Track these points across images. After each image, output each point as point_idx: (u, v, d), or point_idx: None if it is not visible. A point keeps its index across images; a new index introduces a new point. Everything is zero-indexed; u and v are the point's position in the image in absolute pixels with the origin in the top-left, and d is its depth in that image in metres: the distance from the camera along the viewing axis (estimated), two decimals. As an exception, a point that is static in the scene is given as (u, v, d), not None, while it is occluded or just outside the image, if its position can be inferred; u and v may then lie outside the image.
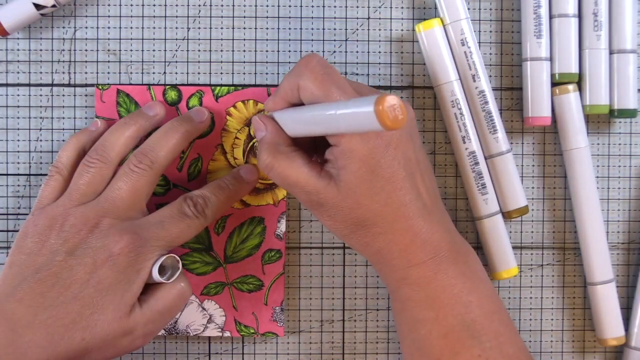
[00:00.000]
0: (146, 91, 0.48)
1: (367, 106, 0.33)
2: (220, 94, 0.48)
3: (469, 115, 0.48)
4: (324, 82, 0.41)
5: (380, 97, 0.32)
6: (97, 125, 0.47)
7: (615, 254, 0.51)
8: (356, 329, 0.50)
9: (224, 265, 0.49)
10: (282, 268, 0.49)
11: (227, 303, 0.49)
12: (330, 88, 0.40)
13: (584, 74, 0.48)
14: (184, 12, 0.49)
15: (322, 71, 0.41)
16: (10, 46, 0.49)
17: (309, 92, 0.41)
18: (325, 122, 0.38)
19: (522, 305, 0.51)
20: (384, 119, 0.32)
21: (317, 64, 0.41)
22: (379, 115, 0.32)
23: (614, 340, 0.49)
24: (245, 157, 0.48)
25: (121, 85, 0.48)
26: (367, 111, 0.33)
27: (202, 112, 0.47)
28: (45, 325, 0.41)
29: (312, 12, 0.49)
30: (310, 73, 0.41)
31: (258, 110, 0.48)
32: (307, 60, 0.42)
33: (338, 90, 0.40)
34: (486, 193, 0.48)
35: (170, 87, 0.48)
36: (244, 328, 0.49)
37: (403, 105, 0.33)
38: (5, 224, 0.49)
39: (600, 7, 0.48)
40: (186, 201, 0.44)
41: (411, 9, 0.49)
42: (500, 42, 0.50)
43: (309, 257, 0.50)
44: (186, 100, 0.48)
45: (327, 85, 0.41)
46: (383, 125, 0.33)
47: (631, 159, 0.50)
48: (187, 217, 0.44)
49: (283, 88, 0.43)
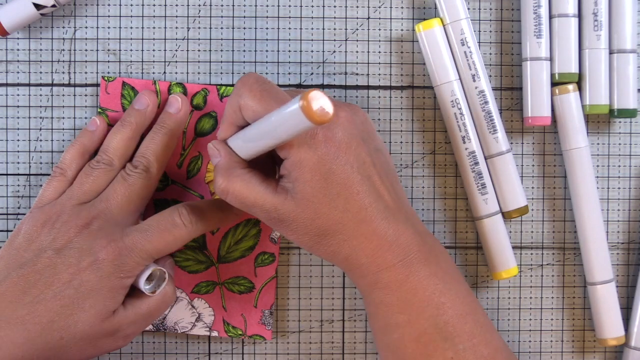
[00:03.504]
0: (152, 85, 0.48)
1: (293, 104, 0.34)
2: (225, 93, 0.48)
3: (469, 115, 0.48)
4: (263, 98, 0.41)
5: (304, 93, 0.34)
6: (96, 124, 0.47)
7: (615, 254, 0.51)
8: (356, 329, 0.50)
9: (216, 264, 0.49)
10: (274, 272, 0.49)
11: (217, 303, 0.49)
12: (270, 102, 0.40)
13: (584, 74, 0.48)
14: (184, 12, 0.49)
15: (260, 87, 0.41)
16: (10, 46, 0.49)
17: (250, 110, 0.41)
18: (265, 133, 0.39)
19: (522, 305, 0.51)
20: (310, 114, 0.34)
21: (255, 82, 0.41)
22: (305, 110, 0.34)
23: (613, 340, 0.49)
24: None
25: (127, 78, 0.48)
26: (294, 109, 0.34)
27: (175, 101, 0.47)
28: (23, 321, 0.41)
29: (312, 12, 0.49)
30: (249, 91, 0.41)
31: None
32: (244, 79, 0.42)
33: (277, 103, 0.40)
34: (486, 193, 0.48)
35: (176, 83, 0.48)
36: (232, 329, 0.49)
37: (329, 99, 0.34)
38: (5, 224, 0.49)
39: (600, 7, 0.48)
40: (176, 210, 0.44)
41: (411, 9, 0.49)
42: (500, 42, 0.50)
43: (309, 257, 0.50)
44: (191, 98, 0.48)
45: (266, 100, 0.41)
46: (311, 119, 0.34)
47: (631, 159, 0.50)
48: (176, 227, 0.44)
49: (227, 112, 0.43)
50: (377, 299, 0.42)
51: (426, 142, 0.50)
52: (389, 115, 0.50)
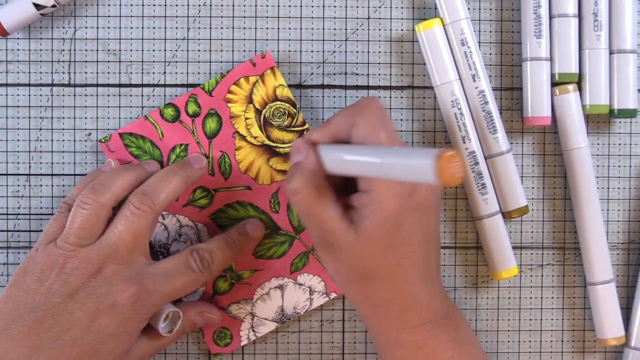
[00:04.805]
0: (145, 121, 0.48)
1: (426, 158, 0.33)
2: (210, 87, 0.48)
3: (469, 115, 0.48)
4: (378, 127, 0.41)
5: (443, 151, 0.32)
6: (110, 166, 0.47)
7: (615, 254, 0.51)
8: (356, 329, 0.50)
9: (297, 236, 0.49)
10: None
11: (318, 268, 0.49)
12: (381, 135, 0.41)
13: (584, 74, 0.48)
14: (184, 12, 0.49)
15: (381, 116, 0.41)
16: (10, 46, 0.49)
17: (363, 130, 0.41)
18: (376, 163, 0.38)
19: (522, 305, 0.51)
20: (443, 174, 0.32)
21: (379, 109, 0.42)
22: (438, 169, 0.32)
23: (614, 340, 0.49)
24: (264, 131, 0.48)
25: (120, 129, 0.48)
26: (425, 164, 0.33)
27: (201, 159, 0.47)
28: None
29: (312, 12, 0.49)
30: (371, 115, 0.41)
31: (298, 136, 0.48)
32: (370, 101, 0.42)
33: (388, 139, 0.41)
34: (486, 193, 0.48)
35: (164, 106, 0.48)
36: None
37: (462, 164, 0.33)
38: (5, 224, 0.49)
39: (600, 7, 0.48)
40: (193, 255, 0.44)
41: (411, 9, 0.49)
42: (500, 42, 0.50)
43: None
44: (184, 111, 0.48)
45: (379, 131, 0.41)
46: (441, 179, 0.33)
47: (631, 159, 0.50)
48: (193, 272, 0.44)
49: (336, 122, 0.43)
50: (395, 358, 0.43)
51: (426, 142, 0.50)
52: (389, 116, 0.50)
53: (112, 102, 0.49)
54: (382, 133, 0.41)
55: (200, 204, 0.49)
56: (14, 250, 0.49)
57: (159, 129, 0.48)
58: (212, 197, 0.49)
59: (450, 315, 0.43)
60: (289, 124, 0.48)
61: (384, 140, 0.41)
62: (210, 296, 0.49)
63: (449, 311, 0.44)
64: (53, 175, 0.49)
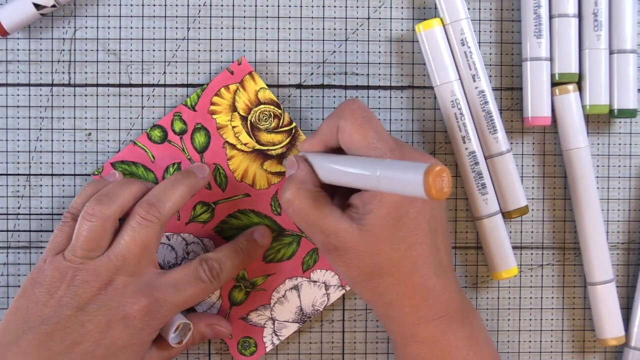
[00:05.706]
0: (134, 147, 0.48)
1: (415, 173, 0.34)
2: (193, 102, 0.48)
3: (469, 115, 0.48)
4: (362, 126, 0.41)
5: (431, 166, 0.33)
6: (114, 177, 0.47)
7: (615, 254, 0.51)
8: (356, 329, 0.50)
9: (303, 234, 0.49)
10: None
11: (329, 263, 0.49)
12: (368, 131, 0.41)
13: (584, 74, 0.48)
14: (184, 12, 0.49)
15: (362, 114, 0.42)
16: (10, 46, 0.49)
17: (347, 133, 0.41)
18: (365, 178, 0.38)
19: (522, 305, 0.51)
20: (430, 189, 0.33)
21: (358, 108, 0.42)
22: (426, 184, 0.33)
23: (614, 340, 0.49)
24: (253, 136, 0.48)
25: (111, 159, 0.48)
26: (415, 179, 0.34)
27: (204, 168, 0.47)
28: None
29: (312, 12, 0.49)
30: (351, 115, 0.42)
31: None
32: (348, 104, 0.42)
33: (375, 135, 0.41)
34: (486, 193, 0.48)
35: (150, 129, 0.48)
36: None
37: (450, 179, 0.34)
38: (5, 224, 0.49)
39: (600, 7, 0.48)
40: (202, 265, 0.44)
41: (411, 9, 0.49)
42: (500, 42, 0.50)
43: (309, 257, 0.50)
44: (171, 130, 0.48)
45: (365, 129, 0.41)
46: (428, 194, 0.33)
47: (631, 159, 0.50)
48: (202, 282, 0.44)
49: (322, 130, 0.43)
50: (411, 353, 0.43)
51: (426, 142, 0.50)
52: (389, 115, 0.50)
53: (112, 102, 0.49)
54: (368, 132, 0.41)
55: (203, 219, 0.49)
56: (14, 250, 0.49)
57: (149, 153, 0.48)
58: (213, 211, 0.49)
59: (466, 312, 0.43)
60: (276, 125, 0.48)
61: (372, 138, 0.41)
62: (227, 308, 0.49)
63: (465, 307, 0.44)
64: (53, 175, 0.49)
